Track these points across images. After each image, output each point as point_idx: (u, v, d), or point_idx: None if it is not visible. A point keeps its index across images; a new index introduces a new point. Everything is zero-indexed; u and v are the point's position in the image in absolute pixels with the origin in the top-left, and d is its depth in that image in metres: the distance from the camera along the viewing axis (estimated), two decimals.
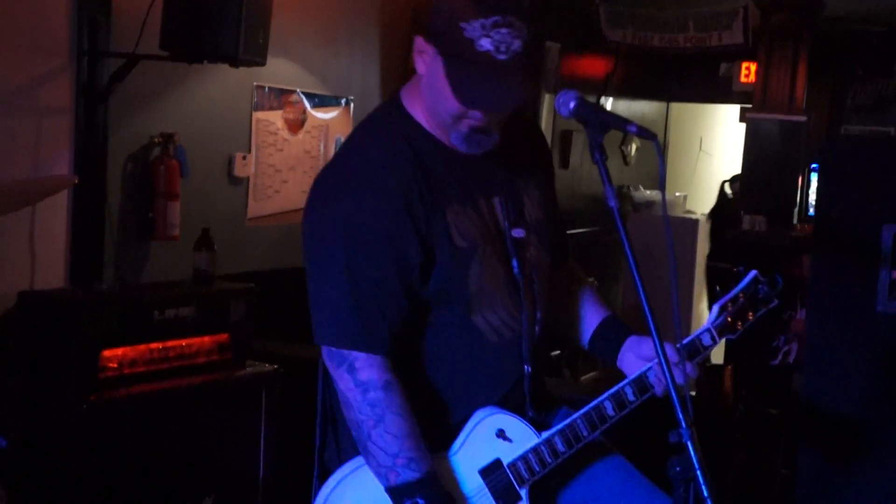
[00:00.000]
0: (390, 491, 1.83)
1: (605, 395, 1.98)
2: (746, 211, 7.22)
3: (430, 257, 1.84)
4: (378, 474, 1.85)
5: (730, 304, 2.06)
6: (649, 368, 1.97)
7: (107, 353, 3.14)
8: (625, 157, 8.37)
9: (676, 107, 9.41)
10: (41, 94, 3.65)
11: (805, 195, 7.37)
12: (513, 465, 1.92)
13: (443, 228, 1.85)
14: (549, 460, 1.93)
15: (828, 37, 7.59)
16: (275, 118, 4.70)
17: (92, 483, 3.04)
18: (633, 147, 8.37)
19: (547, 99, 7.14)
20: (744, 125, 7.74)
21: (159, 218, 3.99)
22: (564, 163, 7.49)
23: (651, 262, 4.85)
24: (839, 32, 7.81)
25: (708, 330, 2.05)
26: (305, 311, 1.96)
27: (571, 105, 1.82)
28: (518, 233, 1.96)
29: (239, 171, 4.51)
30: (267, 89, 4.62)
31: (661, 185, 1.72)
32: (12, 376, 3.12)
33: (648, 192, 8.43)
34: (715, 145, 10.47)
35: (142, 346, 3.25)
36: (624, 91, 8.20)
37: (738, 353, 4.88)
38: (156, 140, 4.03)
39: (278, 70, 4.58)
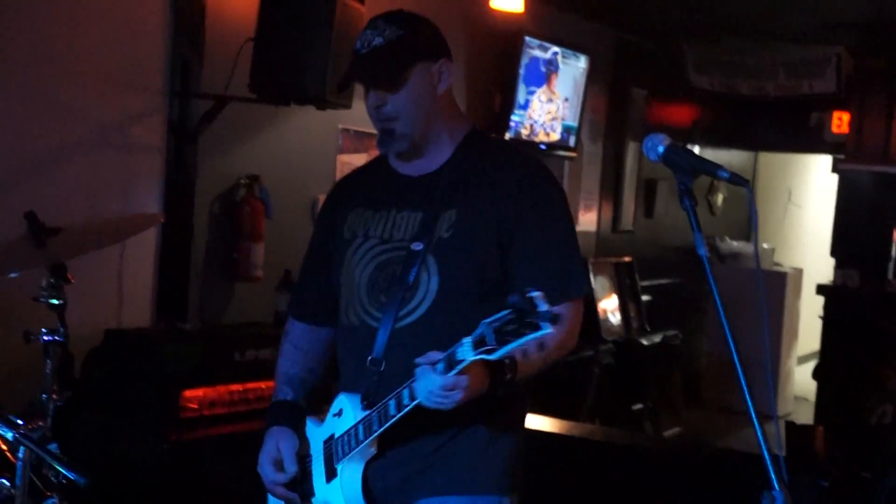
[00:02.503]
0: None
1: (392, 395, 1.96)
2: (838, 265, 7.01)
3: (333, 245, 2.21)
4: None
5: (496, 321, 1.74)
6: (411, 382, 1.88)
7: (188, 393, 3.16)
8: (711, 207, 8.23)
9: (765, 156, 9.23)
10: (134, 132, 3.74)
11: None
12: (337, 440, 2.10)
13: (342, 223, 2.20)
14: (354, 444, 2.04)
15: None
16: (359, 161, 4.71)
17: None
18: (720, 197, 8.22)
19: (632, 147, 7.07)
20: (836, 176, 7.54)
21: (243, 258, 4.03)
22: (649, 212, 7.38)
23: (736, 316, 4.72)
24: None
25: (461, 343, 1.80)
26: None
27: (660, 149, 1.81)
28: (416, 245, 2.09)
29: None
30: (352, 132, 4.65)
31: (753, 233, 1.73)
32: (95, 412, 3.15)
33: (735, 242, 8.26)
34: (805, 196, 10.23)
35: (222, 387, 3.26)
36: (710, 139, 8.07)
37: (831, 412, 4.70)
38: (242, 181, 4.08)
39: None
